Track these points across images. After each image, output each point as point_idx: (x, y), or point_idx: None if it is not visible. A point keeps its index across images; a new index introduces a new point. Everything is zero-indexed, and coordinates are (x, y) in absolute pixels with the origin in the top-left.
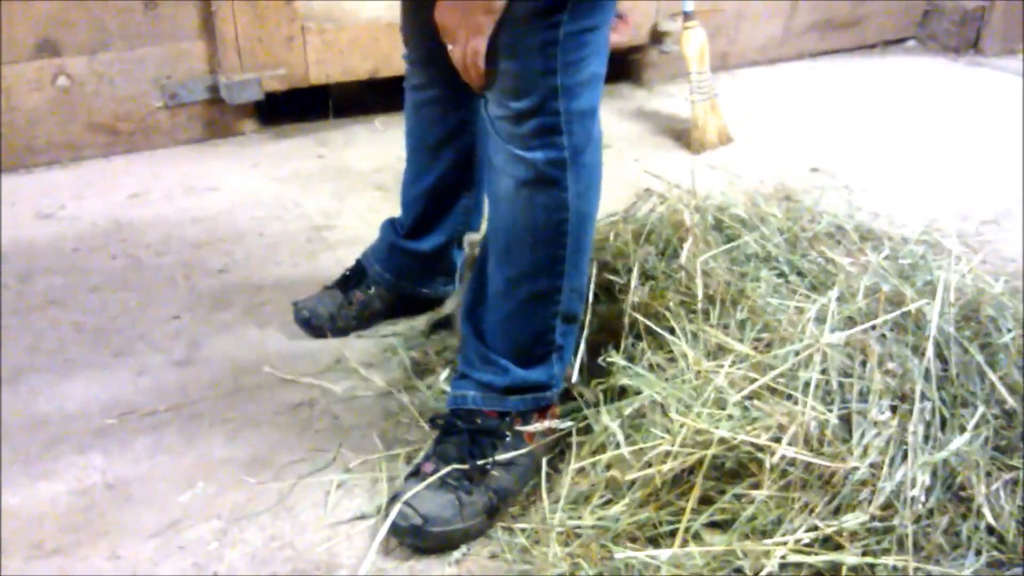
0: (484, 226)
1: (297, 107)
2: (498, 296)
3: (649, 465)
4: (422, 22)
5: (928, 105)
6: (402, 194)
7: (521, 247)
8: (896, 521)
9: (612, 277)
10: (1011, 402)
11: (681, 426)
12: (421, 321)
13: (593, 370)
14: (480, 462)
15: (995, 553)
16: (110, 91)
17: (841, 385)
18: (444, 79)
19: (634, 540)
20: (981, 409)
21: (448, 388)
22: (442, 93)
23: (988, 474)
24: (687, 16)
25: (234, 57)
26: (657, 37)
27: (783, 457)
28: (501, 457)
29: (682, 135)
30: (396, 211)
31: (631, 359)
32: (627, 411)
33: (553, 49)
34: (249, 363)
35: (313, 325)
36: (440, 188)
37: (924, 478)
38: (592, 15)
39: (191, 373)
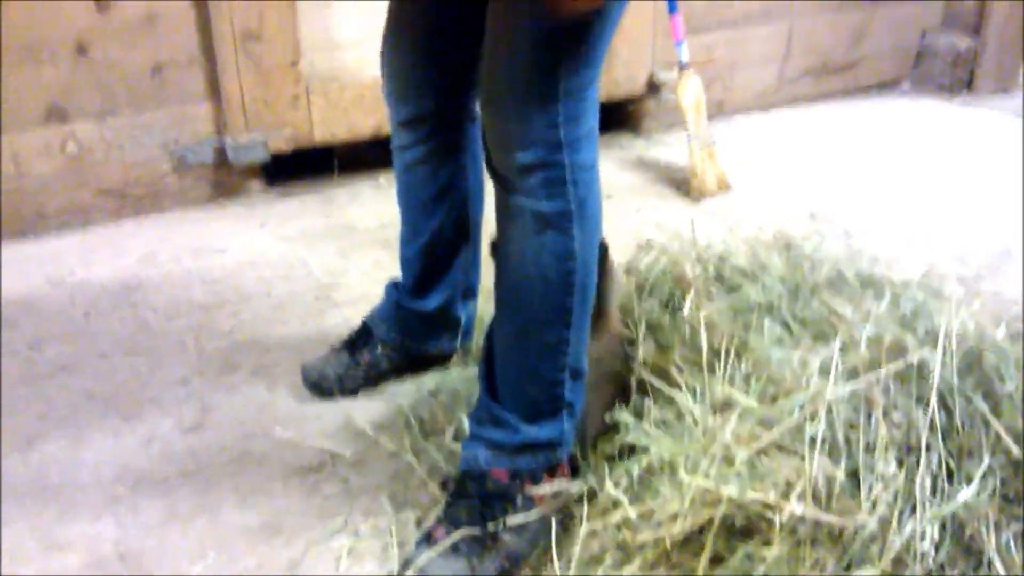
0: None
1: (302, 166)
2: (508, 351)
3: (659, 525)
4: (410, 83)
5: (924, 146)
6: (400, 255)
7: (531, 298)
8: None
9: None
10: (1016, 451)
11: (689, 485)
12: (428, 379)
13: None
14: (491, 526)
15: None
16: (119, 156)
17: (847, 438)
18: (431, 137)
19: None
20: (987, 459)
21: (455, 447)
22: (430, 151)
23: (997, 525)
24: (683, 67)
25: (240, 119)
26: (654, 87)
27: (792, 514)
28: (512, 521)
29: (681, 183)
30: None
31: (639, 415)
32: (635, 470)
33: (555, 104)
34: (258, 426)
35: (322, 388)
36: (437, 245)
37: (933, 531)
38: (588, 71)
39: (201, 438)
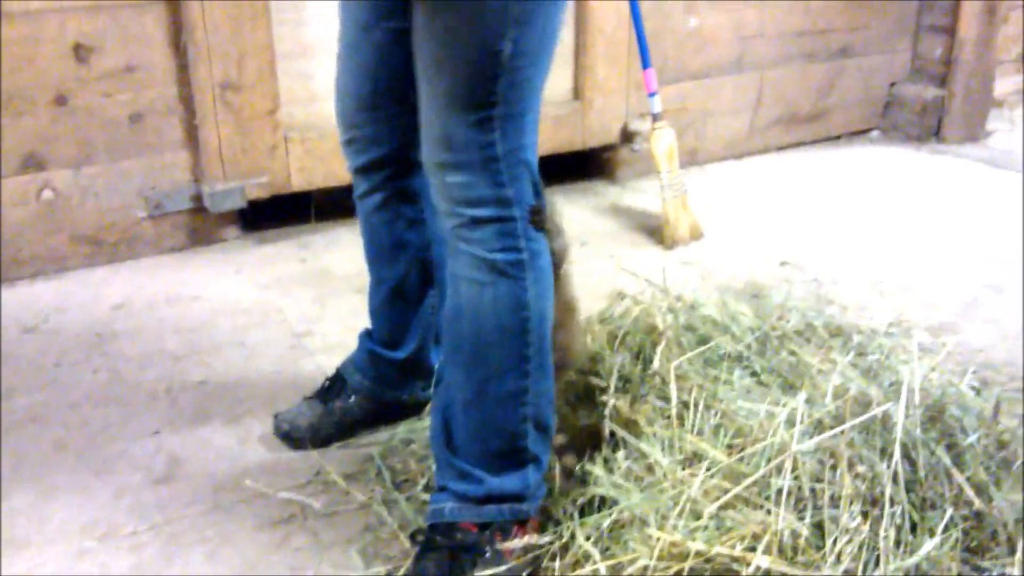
0: None
1: (279, 211)
2: (467, 405)
3: None
4: (360, 132)
5: (893, 194)
6: (368, 304)
7: (487, 349)
8: None
9: (593, 380)
10: (978, 503)
11: (657, 539)
12: (402, 428)
13: (571, 480)
14: None
15: None
16: (95, 203)
17: (813, 491)
18: (387, 183)
19: None
20: (950, 511)
21: (427, 498)
22: (387, 198)
23: None
24: (655, 117)
25: (218, 167)
26: (628, 136)
27: (758, 567)
28: (481, 575)
29: (655, 231)
30: None
31: (609, 468)
32: (605, 522)
33: (496, 164)
34: (229, 478)
35: (293, 438)
36: (403, 290)
37: None
38: (522, 136)
39: (171, 491)
